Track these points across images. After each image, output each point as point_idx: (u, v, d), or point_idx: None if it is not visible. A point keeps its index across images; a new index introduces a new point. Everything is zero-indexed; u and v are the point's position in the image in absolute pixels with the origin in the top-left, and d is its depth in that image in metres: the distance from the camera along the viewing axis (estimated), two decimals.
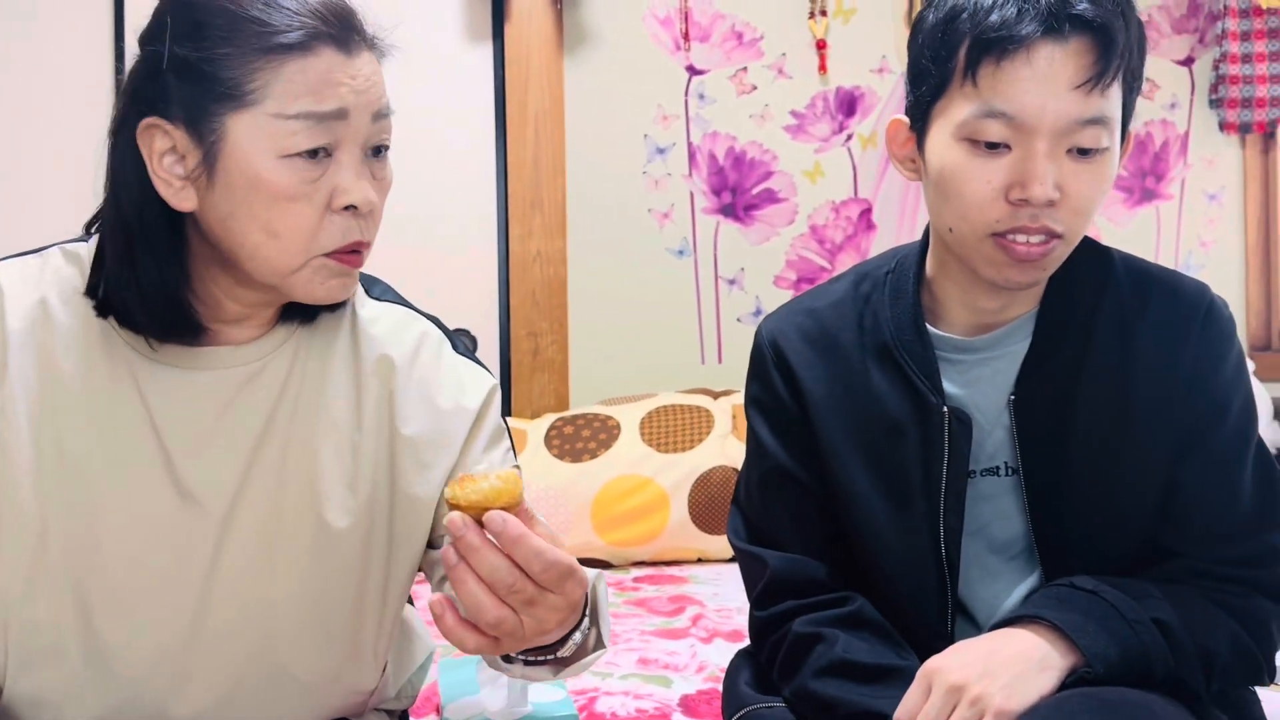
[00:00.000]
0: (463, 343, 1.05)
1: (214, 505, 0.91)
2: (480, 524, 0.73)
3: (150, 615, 0.91)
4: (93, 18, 2.41)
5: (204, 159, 0.85)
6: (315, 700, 0.98)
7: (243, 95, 0.84)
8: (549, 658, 0.86)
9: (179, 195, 0.86)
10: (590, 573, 0.87)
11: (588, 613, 0.85)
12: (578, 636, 0.84)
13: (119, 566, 0.90)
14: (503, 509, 0.73)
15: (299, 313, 0.95)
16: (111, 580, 0.90)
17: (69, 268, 0.93)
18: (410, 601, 1.13)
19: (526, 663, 0.87)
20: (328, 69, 0.85)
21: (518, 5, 2.51)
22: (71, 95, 2.38)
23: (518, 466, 1.01)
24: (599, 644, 0.90)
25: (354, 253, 0.89)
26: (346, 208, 0.87)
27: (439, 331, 1.02)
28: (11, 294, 0.91)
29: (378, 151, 0.91)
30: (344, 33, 0.87)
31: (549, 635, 0.80)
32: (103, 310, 0.90)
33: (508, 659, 0.87)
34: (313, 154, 0.85)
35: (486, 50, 2.53)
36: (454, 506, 0.74)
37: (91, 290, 0.90)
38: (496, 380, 1.03)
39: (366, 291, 1.02)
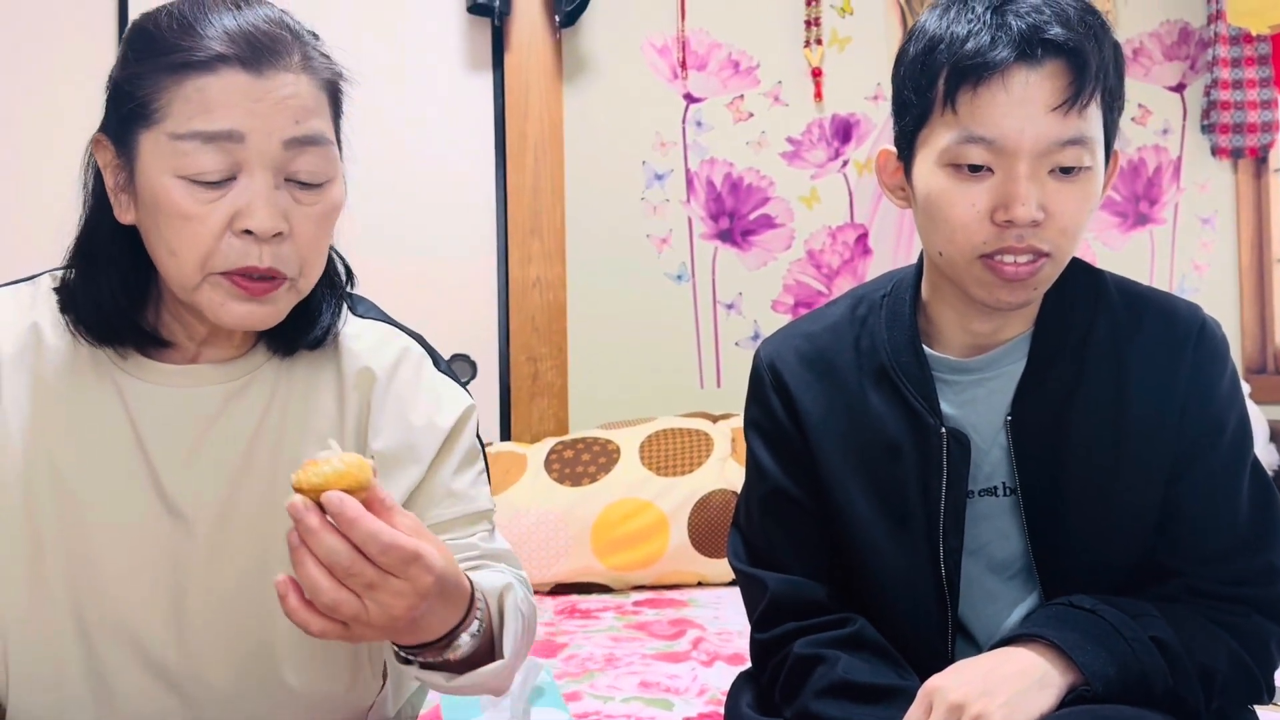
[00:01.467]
0: (445, 362, 1.05)
1: (202, 520, 0.92)
2: (322, 507, 0.72)
3: (145, 631, 0.91)
4: (96, 38, 2.44)
5: (127, 175, 0.88)
6: (314, 716, 0.97)
7: (149, 114, 0.85)
8: (443, 659, 0.83)
9: (122, 209, 0.89)
10: (497, 580, 0.88)
11: (479, 616, 0.83)
12: (466, 639, 0.82)
13: (113, 583, 0.91)
14: (346, 492, 0.72)
15: (278, 344, 0.95)
16: (106, 597, 0.91)
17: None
18: None
19: (421, 665, 0.84)
20: (225, 89, 0.84)
21: (517, 35, 2.54)
22: (74, 116, 2.41)
23: (489, 517, 1.01)
24: (501, 655, 0.87)
25: (262, 279, 0.86)
26: (245, 231, 0.85)
27: (420, 349, 1.02)
28: (4, 321, 0.93)
29: (305, 184, 0.87)
30: (254, 54, 0.85)
31: (418, 630, 0.78)
32: (73, 320, 0.91)
33: (404, 660, 0.84)
34: (215, 177, 0.84)
35: (487, 79, 2.56)
36: (297, 490, 0.73)
37: (63, 303, 0.92)
38: (474, 402, 1.03)
39: (350, 309, 1.02)
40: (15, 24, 2.41)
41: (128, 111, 0.86)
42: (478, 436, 1.04)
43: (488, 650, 0.87)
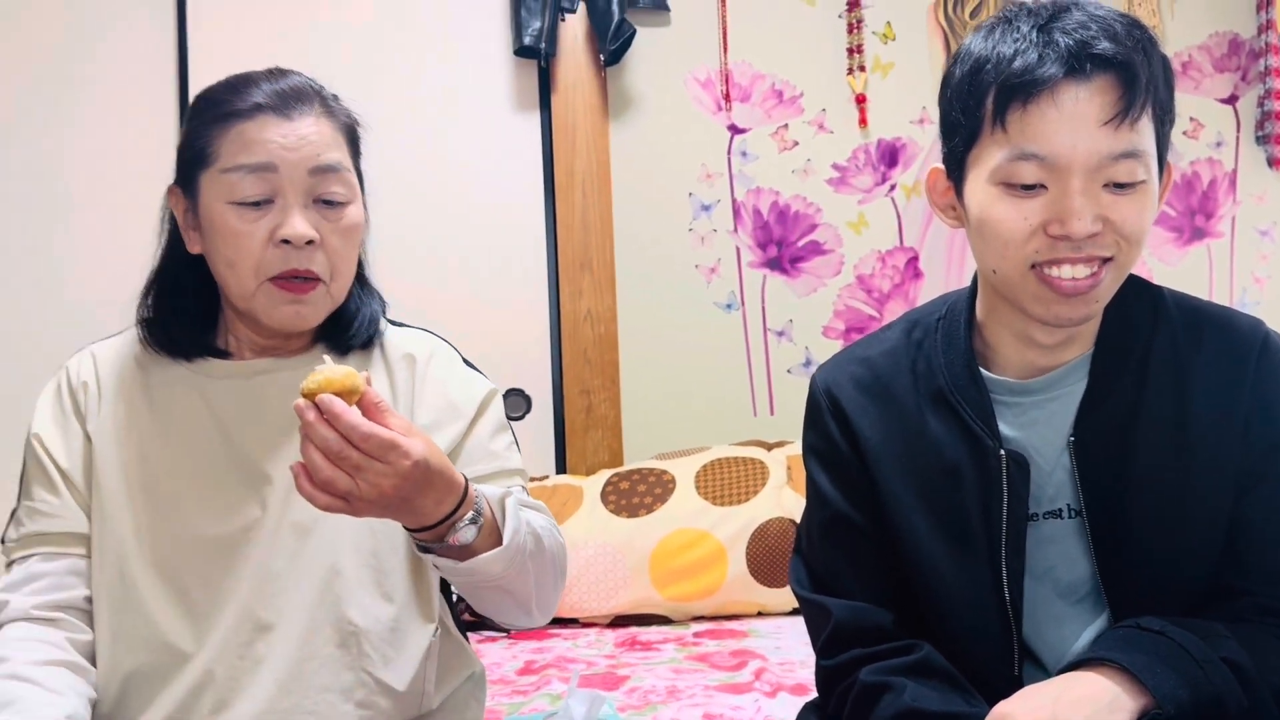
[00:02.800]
0: (470, 362, 1.24)
1: (279, 477, 1.10)
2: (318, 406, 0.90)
3: (234, 575, 1.08)
4: (158, 94, 2.52)
5: (193, 212, 1.11)
6: (371, 665, 1.09)
7: (206, 158, 1.09)
8: (445, 544, 0.98)
9: (191, 242, 1.12)
10: (499, 490, 1.05)
11: (477, 508, 0.98)
12: (465, 525, 0.97)
13: (204, 546, 1.09)
14: (338, 394, 0.90)
15: (332, 343, 1.15)
16: (199, 558, 1.08)
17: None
18: (463, 631, 1.23)
19: (434, 552, 1.00)
20: (260, 130, 1.07)
21: (563, 75, 2.59)
22: (138, 167, 2.49)
23: (522, 476, 1.19)
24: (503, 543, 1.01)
25: (299, 279, 1.08)
26: (283, 241, 1.06)
27: (451, 347, 1.24)
28: (106, 359, 1.18)
29: (330, 203, 1.09)
30: (284, 102, 1.08)
31: (414, 511, 0.94)
32: (152, 340, 1.13)
33: (423, 549, 1.01)
34: (258, 201, 1.07)
35: (535, 119, 2.61)
36: (302, 394, 0.91)
37: (142, 327, 1.14)
38: (497, 387, 1.22)
39: (391, 324, 1.23)
40: (86, 97, 2.51)
41: (190, 159, 1.11)
42: (506, 413, 1.22)
43: (495, 546, 1.01)
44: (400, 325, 1.24)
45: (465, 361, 1.23)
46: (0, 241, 2.48)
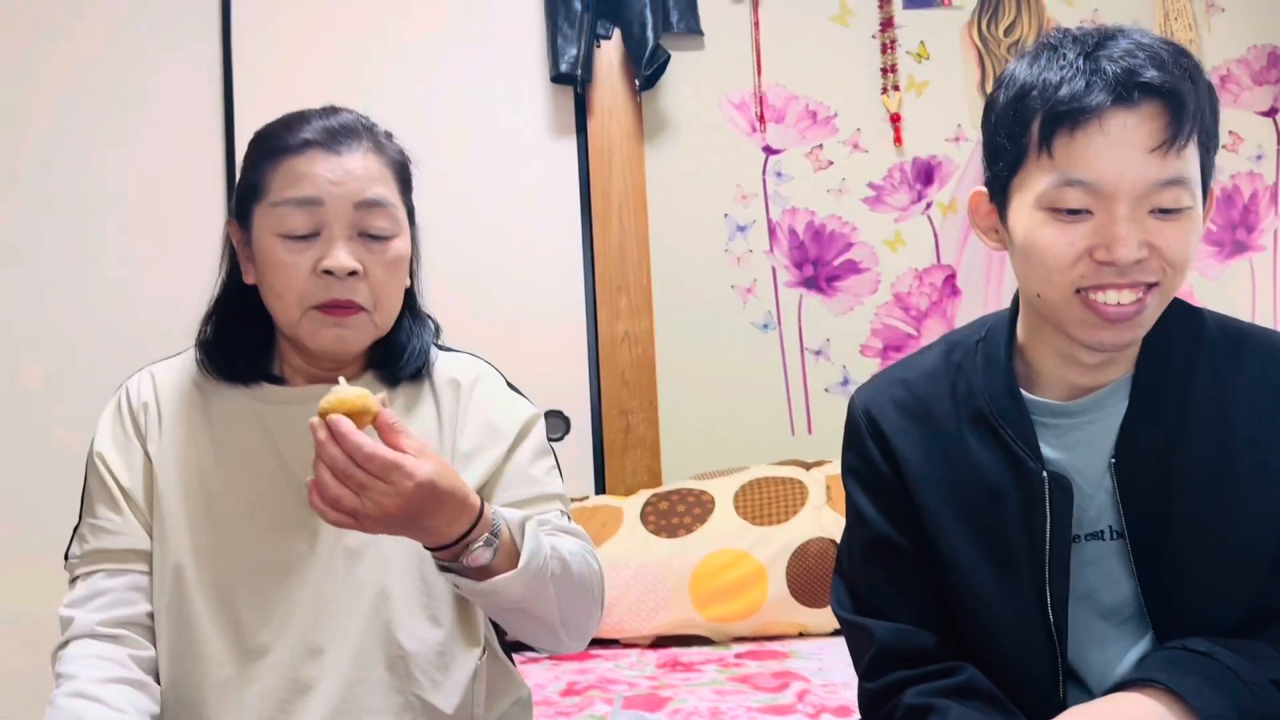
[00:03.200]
0: (515, 386, 1.26)
1: None
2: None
3: (287, 599, 1.10)
4: (205, 128, 2.59)
5: (248, 243, 1.15)
6: (424, 683, 1.11)
7: (259, 192, 1.12)
8: (462, 564, 1.00)
9: (247, 273, 1.16)
10: (522, 514, 1.05)
11: (493, 530, 1.00)
12: (479, 547, 0.99)
13: (259, 569, 1.11)
14: (350, 414, 0.94)
15: (382, 374, 1.18)
16: (254, 581, 1.11)
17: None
18: (507, 653, 1.25)
19: (454, 572, 1.02)
20: (309, 165, 1.10)
21: (599, 101, 2.62)
22: (185, 201, 2.55)
23: (562, 501, 1.20)
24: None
25: (340, 308, 1.10)
26: (325, 271, 1.09)
27: (495, 371, 1.26)
28: (163, 377, 1.21)
29: (375, 236, 1.12)
30: (332, 138, 1.11)
31: (424, 530, 0.97)
32: (210, 366, 1.16)
33: (443, 568, 1.02)
34: (304, 234, 1.09)
35: (571, 144, 2.64)
36: (319, 413, 0.95)
37: (200, 353, 1.18)
38: (540, 411, 1.24)
39: (438, 349, 1.25)
40: (133, 118, 2.58)
41: (245, 193, 1.15)
42: (551, 447, 1.24)
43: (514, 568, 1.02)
44: (447, 350, 1.26)
45: (509, 385, 1.25)
46: (51, 258, 2.55)
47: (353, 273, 1.09)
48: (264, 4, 2.59)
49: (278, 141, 1.13)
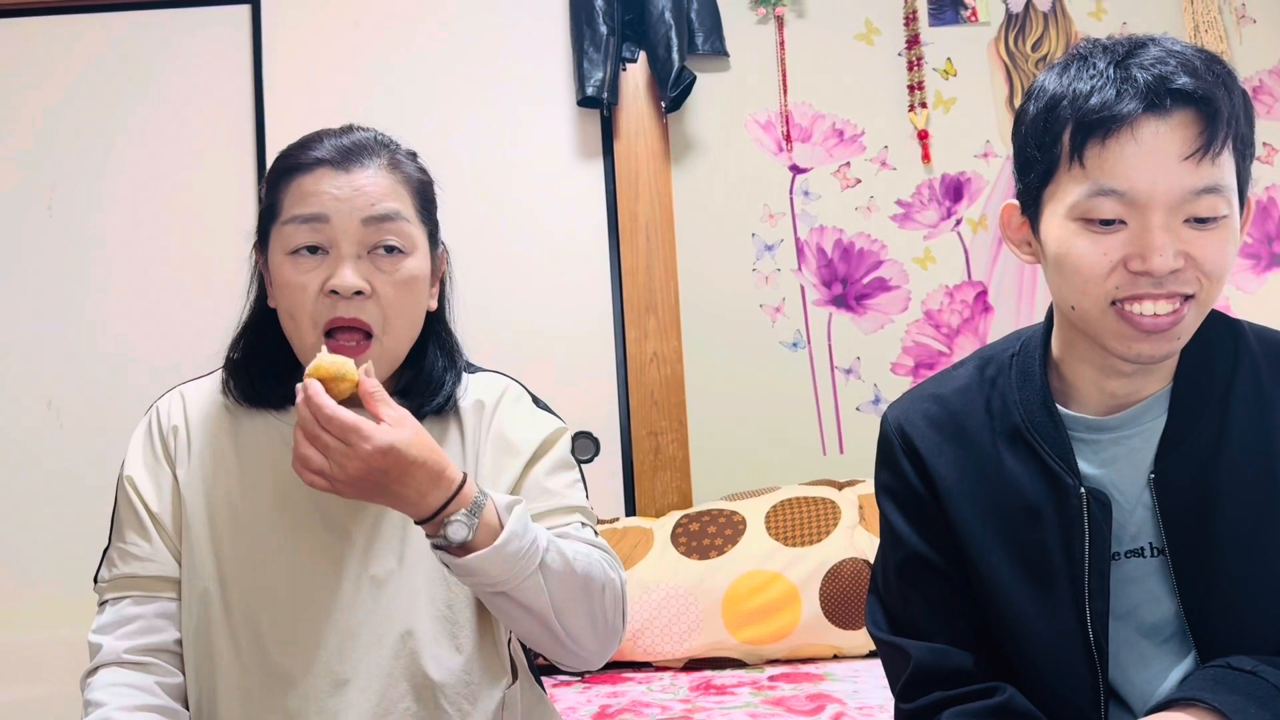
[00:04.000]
0: (542, 401, 1.24)
1: (358, 533, 1.12)
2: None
3: (314, 631, 1.09)
4: (238, 156, 2.63)
5: (266, 266, 1.14)
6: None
7: (274, 212, 1.11)
8: (442, 538, 1.00)
9: (271, 296, 1.14)
10: (503, 496, 1.04)
11: (472, 507, 0.99)
12: (457, 522, 0.98)
13: (285, 598, 1.10)
14: (326, 379, 0.97)
15: (409, 407, 1.10)
16: (280, 610, 1.10)
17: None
18: (537, 677, 1.25)
19: (440, 549, 1.01)
20: (316, 182, 1.08)
21: (625, 123, 2.63)
22: (217, 229, 2.59)
23: (583, 513, 1.17)
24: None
25: (346, 330, 1.08)
26: (333, 291, 1.07)
27: (521, 387, 1.24)
28: (192, 399, 1.20)
29: (386, 254, 1.09)
30: (343, 156, 1.09)
31: (396, 497, 0.97)
32: (234, 392, 1.15)
33: (436, 547, 1.01)
34: (310, 249, 1.08)
35: (598, 166, 2.65)
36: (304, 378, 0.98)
37: (226, 379, 1.17)
38: (566, 426, 1.22)
39: (466, 370, 1.24)
40: (168, 150, 2.62)
41: (264, 214, 1.14)
42: (575, 456, 1.22)
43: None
44: (476, 370, 1.24)
45: (536, 402, 1.23)
46: (87, 286, 2.59)
47: (359, 292, 1.07)
48: (294, 31, 2.63)
49: (290, 161, 1.12)
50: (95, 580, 1.16)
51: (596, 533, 1.17)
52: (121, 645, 1.09)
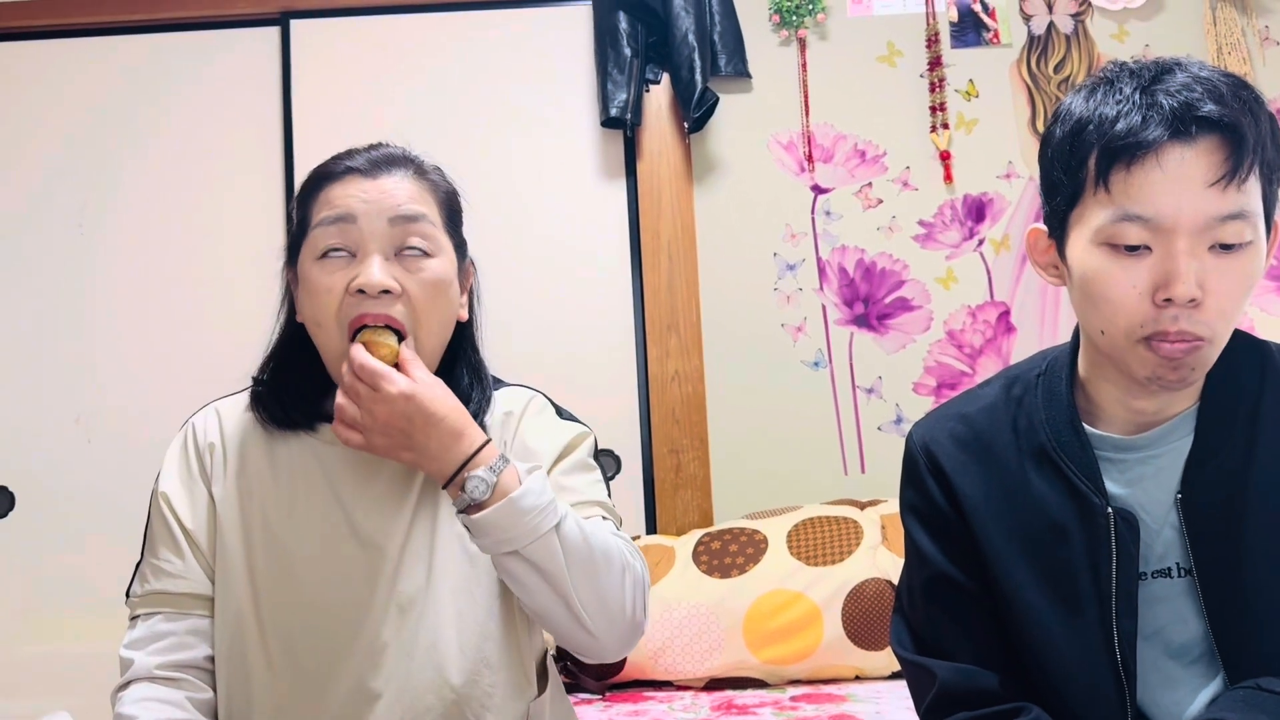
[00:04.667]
0: (568, 412, 1.26)
1: (390, 548, 1.12)
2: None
3: (346, 647, 1.10)
4: (266, 176, 2.66)
5: (296, 282, 1.15)
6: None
7: (305, 226, 1.13)
8: (462, 496, 1.04)
9: (299, 310, 1.15)
10: (525, 465, 1.08)
11: (494, 467, 1.03)
12: (479, 482, 1.02)
13: (319, 614, 1.11)
14: (366, 344, 1.05)
15: None
16: (313, 625, 1.10)
17: None
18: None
19: (462, 510, 1.05)
20: (344, 186, 1.11)
21: (648, 144, 2.65)
22: (245, 245, 2.62)
23: (602, 508, 1.18)
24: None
25: (364, 327, 1.08)
26: (359, 291, 1.08)
27: (545, 399, 1.26)
28: (228, 415, 1.21)
29: (412, 255, 1.11)
30: (373, 165, 1.13)
31: (420, 450, 1.04)
32: (263, 414, 1.16)
33: (459, 510, 1.05)
34: (337, 250, 1.10)
35: (621, 186, 2.67)
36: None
37: (254, 398, 1.18)
38: (589, 431, 1.24)
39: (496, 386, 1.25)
40: (198, 169, 2.66)
41: (296, 230, 1.15)
42: (599, 465, 1.23)
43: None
44: (500, 384, 1.25)
45: (560, 412, 1.24)
46: (116, 302, 2.62)
47: (386, 291, 1.08)
48: (322, 52, 2.67)
49: (321, 172, 1.14)
50: (128, 595, 1.17)
51: (620, 527, 1.17)
52: (153, 661, 1.10)
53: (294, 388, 1.17)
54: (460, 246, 1.18)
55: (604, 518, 1.16)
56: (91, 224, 2.64)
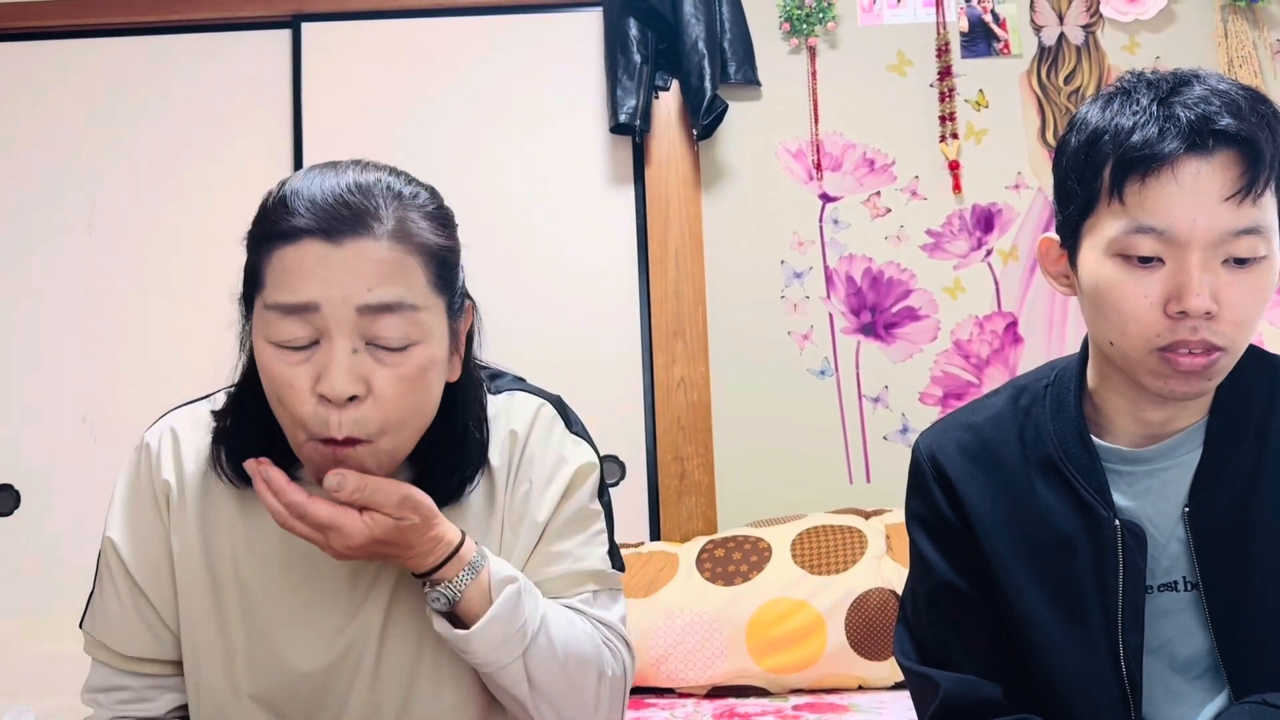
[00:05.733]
0: (579, 422, 1.12)
1: (377, 608, 1.03)
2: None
3: (336, 717, 1.03)
4: (275, 178, 2.67)
5: (250, 335, 0.96)
6: None
7: (258, 282, 0.92)
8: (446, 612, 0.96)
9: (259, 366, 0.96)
10: (504, 566, 0.98)
11: (464, 565, 0.95)
12: (440, 594, 0.94)
13: (299, 679, 1.02)
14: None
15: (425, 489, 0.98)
16: (302, 691, 1.02)
17: None
18: None
19: (440, 613, 0.97)
20: (301, 259, 0.89)
21: (657, 151, 2.65)
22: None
23: (595, 579, 1.07)
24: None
25: (342, 443, 0.90)
26: (323, 396, 0.89)
27: (553, 409, 1.10)
28: (186, 439, 1.06)
29: (388, 348, 0.90)
30: (332, 224, 0.89)
31: (396, 559, 0.94)
32: (225, 462, 1.01)
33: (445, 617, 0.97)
34: (297, 341, 0.90)
35: (629, 192, 2.68)
36: None
37: (214, 454, 1.02)
38: (595, 460, 1.09)
39: (492, 390, 1.11)
40: (207, 174, 2.67)
41: (247, 278, 0.95)
42: (602, 498, 1.10)
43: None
44: (496, 391, 1.12)
45: (570, 424, 1.11)
46: (122, 304, 2.63)
47: (353, 397, 0.89)
48: (332, 55, 2.68)
49: (271, 221, 0.92)
50: (80, 624, 1.08)
51: (617, 594, 1.09)
52: (110, 715, 1.04)
53: (256, 444, 0.98)
54: (454, 300, 0.98)
55: (594, 592, 1.06)
56: (101, 224, 2.65)
